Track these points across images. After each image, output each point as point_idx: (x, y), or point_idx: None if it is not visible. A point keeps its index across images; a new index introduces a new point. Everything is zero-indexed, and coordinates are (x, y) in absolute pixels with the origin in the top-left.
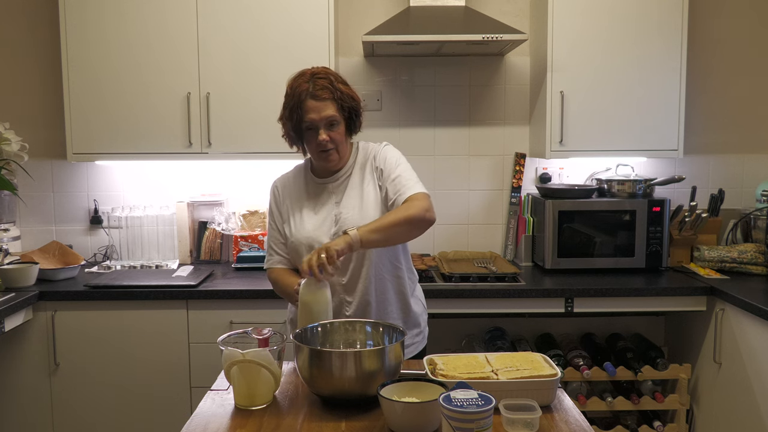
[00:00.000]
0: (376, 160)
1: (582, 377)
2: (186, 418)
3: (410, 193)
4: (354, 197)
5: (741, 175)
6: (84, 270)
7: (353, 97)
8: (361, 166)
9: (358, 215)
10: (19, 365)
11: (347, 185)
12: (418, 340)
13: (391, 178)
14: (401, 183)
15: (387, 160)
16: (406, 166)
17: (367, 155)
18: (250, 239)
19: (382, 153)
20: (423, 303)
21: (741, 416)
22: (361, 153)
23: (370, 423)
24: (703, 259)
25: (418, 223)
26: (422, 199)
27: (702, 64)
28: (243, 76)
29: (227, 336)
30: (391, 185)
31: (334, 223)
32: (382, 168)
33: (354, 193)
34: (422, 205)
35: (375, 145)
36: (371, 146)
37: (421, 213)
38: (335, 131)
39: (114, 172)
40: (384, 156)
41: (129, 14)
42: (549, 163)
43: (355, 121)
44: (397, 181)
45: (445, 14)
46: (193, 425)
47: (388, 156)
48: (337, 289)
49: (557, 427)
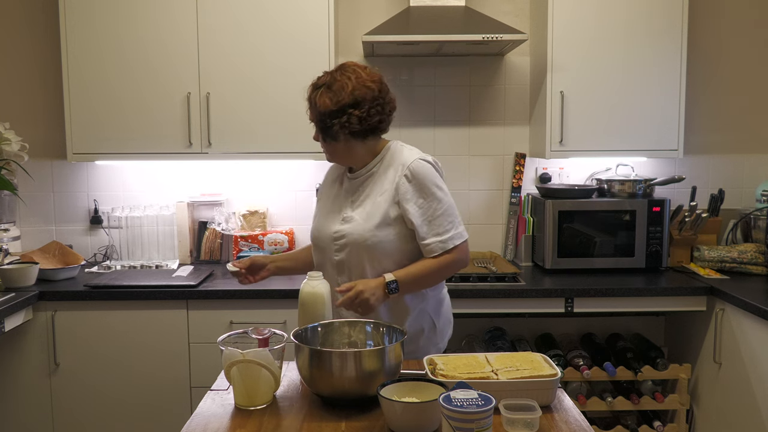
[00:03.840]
0: (412, 178)
1: (582, 377)
2: (186, 418)
3: (456, 243)
4: (367, 203)
5: (741, 175)
6: (84, 270)
7: (318, 110)
8: (387, 169)
9: (360, 224)
10: (19, 365)
11: (366, 186)
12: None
13: (436, 214)
14: (442, 227)
15: (427, 188)
16: (448, 200)
17: (398, 162)
18: (250, 239)
19: (422, 173)
20: (433, 320)
21: (741, 416)
22: (390, 155)
23: (370, 423)
24: (703, 259)
25: (453, 273)
26: (465, 250)
27: (702, 64)
28: (243, 76)
29: (227, 336)
30: (432, 225)
31: (339, 222)
32: (416, 193)
33: (368, 200)
34: (463, 258)
35: (409, 155)
36: (405, 153)
37: (461, 266)
38: (316, 134)
39: (114, 172)
40: (425, 176)
41: (129, 14)
42: (549, 163)
43: (325, 131)
44: (437, 223)
45: (445, 14)
46: (193, 425)
47: (427, 183)
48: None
49: (557, 427)
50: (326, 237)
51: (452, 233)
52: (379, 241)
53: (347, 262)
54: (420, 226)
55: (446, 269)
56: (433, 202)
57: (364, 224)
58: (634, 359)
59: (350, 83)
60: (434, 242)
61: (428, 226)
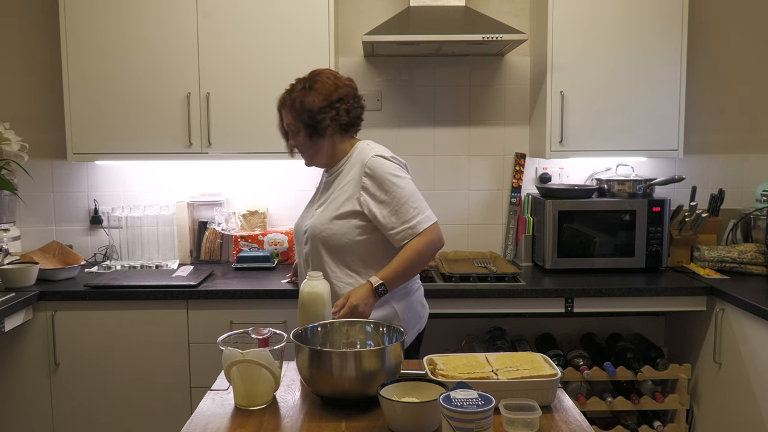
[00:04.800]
0: (371, 174)
1: (582, 377)
2: (186, 418)
3: (425, 226)
4: (329, 200)
5: (741, 175)
6: (84, 270)
7: (306, 108)
8: (352, 167)
9: (317, 218)
10: (19, 365)
11: (334, 184)
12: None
13: (399, 204)
14: (409, 213)
15: (386, 181)
16: (409, 187)
17: (359, 159)
18: (250, 239)
19: (380, 168)
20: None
21: (741, 416)
22: (356, 154)
23: (370, 423)
24: (703, 259)
25: (432, 255)
26: (435, 230)
27: (702, 64)
28: (243, 76)
29: (227, 336)
30: (398, 214)
31: (309, 218)
32: (378, 188)
33: (332, 197)
34: (435, 238)
35: (368, 153)
36: (366, 150)
37: (438, 247)
38: (296, 138)
39: (114, 172)
40: (383, 171)
41: (129, 14)
42: (549, 163)
43: (314, 127)
44: (403, 211)
45: (445, 14)
46: (193, 425)
47: (385, 175)
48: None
49: (557, 427)
50: (299, 233)
51: (419, 218)
52: (333, 234)
53: (311, 255)
54: (387, 217)
55: (423, 254)
56: (395, 193)
57: (321, 217)
58: (634, 359)
59: (331, 81)
60: (403, 230)
61: (395, 216)
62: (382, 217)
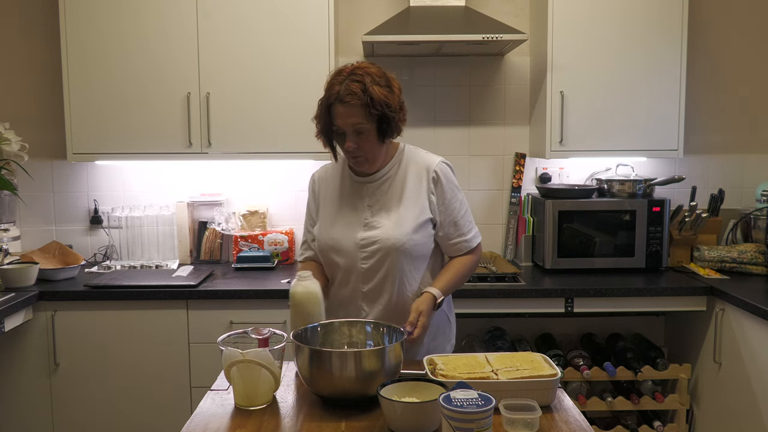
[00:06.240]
0: (439, 180)
1: (582, 377)
2: (186, 418)
3: (478, 242)
4: (391, 207)
5: (741, 175)
6: (84, 270)
7: (386, 102)
8: (406, 172)
9: (392, 228)
10: (19, 365)
11: (385, 189)
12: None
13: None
14: (466, 227)
15: (453, 190)
16: (465, 201)
17: (420, 164)
18: (250, 239)
19: (448, 176)
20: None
21: (741, 416)
22: (407, 157)
23: (370, 423)
24: (703, 259)
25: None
26: (481, 249)
27: (702, 64)
28: (243, 76)
29: (227, 336)
30: (458, 225)
31: (362, 228)
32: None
33: (392, 202)
34: (479, 257)
35: (430, 158)
36: (423, 156)
37: (477, 266)
38: (363, 138)
39: (114, 172)
40: (449, 179)
41: (129, 14)
42: (549, 163)
43: (387, 127)
44: (462, 223)
45: (445, 14)
46: (193, 425)
47: (451, 184)
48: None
49: (557, 427)
50: (350, 245)
51: (474, 232)
52: (415, 245)
53: (376, 269)
54: (447, 227)
55: (472, 269)
56: (457, 203)
57: (399, 229)
58: (634, 359)
59: (396, 82)
60: (460, 242)
61: (454, 227)
62: (442, 226)
